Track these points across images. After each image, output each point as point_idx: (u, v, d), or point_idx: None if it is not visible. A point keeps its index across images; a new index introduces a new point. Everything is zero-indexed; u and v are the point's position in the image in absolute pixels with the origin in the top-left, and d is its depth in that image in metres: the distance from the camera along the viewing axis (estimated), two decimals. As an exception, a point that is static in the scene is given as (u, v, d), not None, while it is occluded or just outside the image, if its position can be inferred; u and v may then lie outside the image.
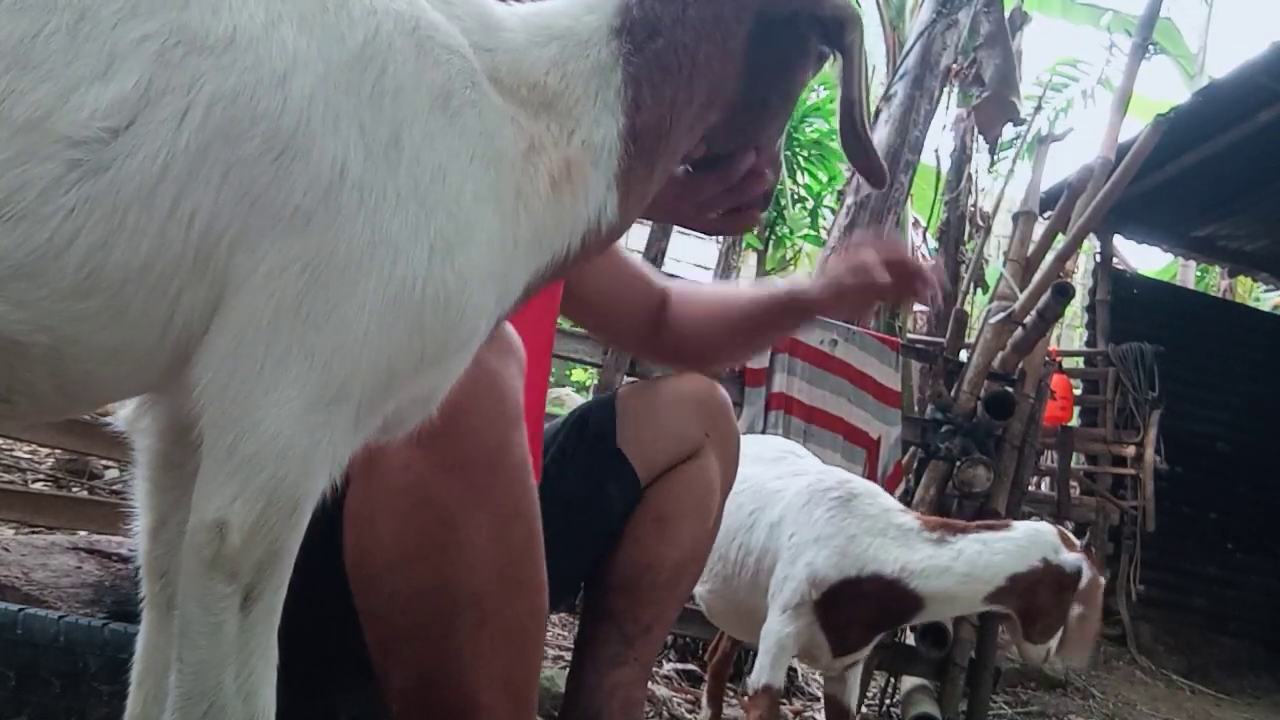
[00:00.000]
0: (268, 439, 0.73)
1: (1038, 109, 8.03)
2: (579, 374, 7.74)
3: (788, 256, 8.51)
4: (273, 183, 0.72)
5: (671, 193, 1.11)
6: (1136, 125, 3.80)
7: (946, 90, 5.48)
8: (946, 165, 6.57)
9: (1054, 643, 2.15)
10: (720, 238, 7.58)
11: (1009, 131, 6.99)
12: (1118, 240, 7.79)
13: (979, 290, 6.05)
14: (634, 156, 0.92)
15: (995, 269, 5.77)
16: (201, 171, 0.70)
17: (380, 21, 0.79)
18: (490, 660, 1.11)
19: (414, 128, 0.79)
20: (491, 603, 1.11)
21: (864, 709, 3.31)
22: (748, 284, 1.45)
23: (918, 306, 6.86)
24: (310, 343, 0.74)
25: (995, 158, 6.94)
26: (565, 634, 3.45)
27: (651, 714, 2.83)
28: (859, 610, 2.12)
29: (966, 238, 6.56)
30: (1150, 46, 3.84)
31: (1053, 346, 5.90)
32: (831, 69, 1.05)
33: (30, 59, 0.64)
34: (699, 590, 2.36)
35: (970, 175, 6.47)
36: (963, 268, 6.30)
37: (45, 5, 0.65)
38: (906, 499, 3.29)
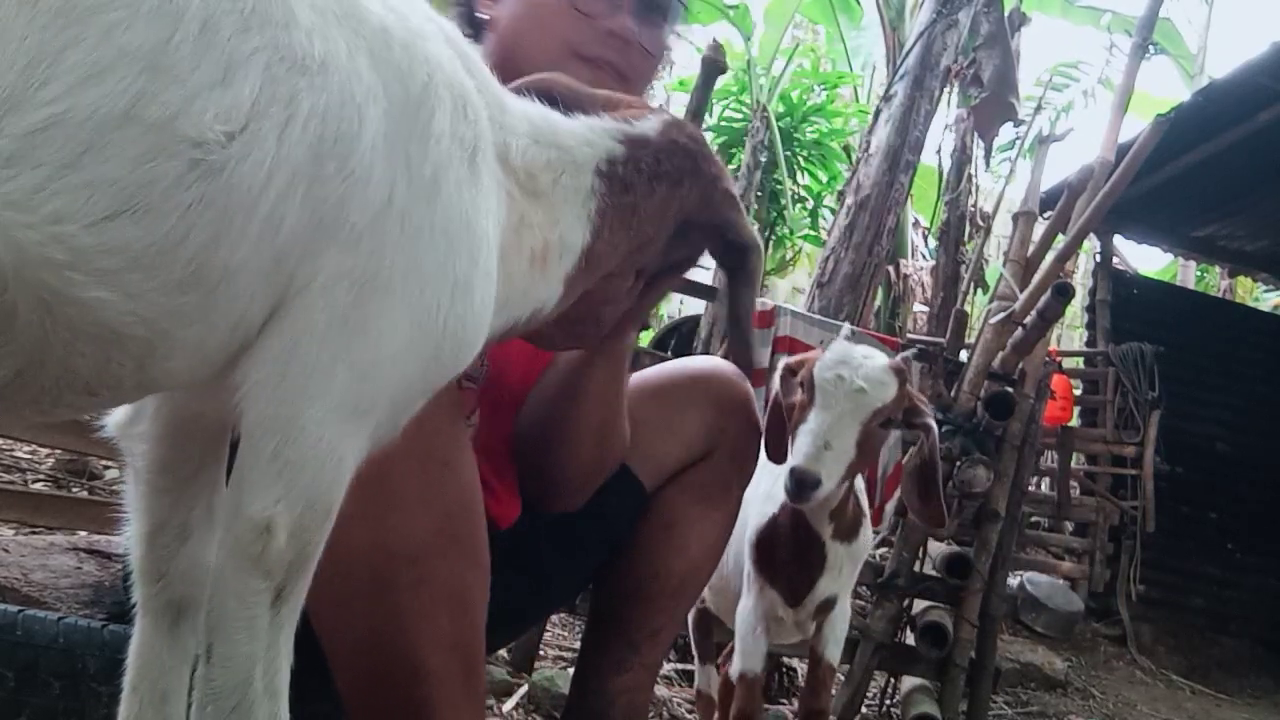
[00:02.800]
0: (311, 444, 0.77)
1: (1038, 109, 8.04)
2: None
3: (788, 257, 8.51)
4: (340, 201, 0.77)
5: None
6: (1136, 125, 3.79)
7: (946, 90, 5.48)
8: (947, 165, 6.57)
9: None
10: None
11: (1009, 132, 7.01)
12: (1118, 240, 7.79)
13: (979, 290, 6.05)
14: (580, 271, 1.04)
15: (995, 269, 5.77)
16: (293, 182, 0.74)
17: (433, 71, 0.86)
18: (434, 621, 1.10)
19: (449, 173, 0.85)
20: (429, 561, 1.10)
21: (864, 709, 3.31)
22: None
23: (917, 306, 6.87)
24: (352, 355, 0.78)
25: (991, 158, 6.94)
26: (565, 634, 3.45)
27: (651, 714, 2.83)
28: (782, 546, 1.98)
29: (966, 238, 6.56)
30: (1150, 46, 3.84)
31: (1053, 346, 5.90)
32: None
33: (162, 63, 0.68)
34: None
35: (970, 175, 6.48)
36: (963, 268, 6.31)
37: (176, 13, 0.69)
38: (906, 499, 3.29)
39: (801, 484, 1.70)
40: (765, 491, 2.03)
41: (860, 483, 2.10)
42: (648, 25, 1.48)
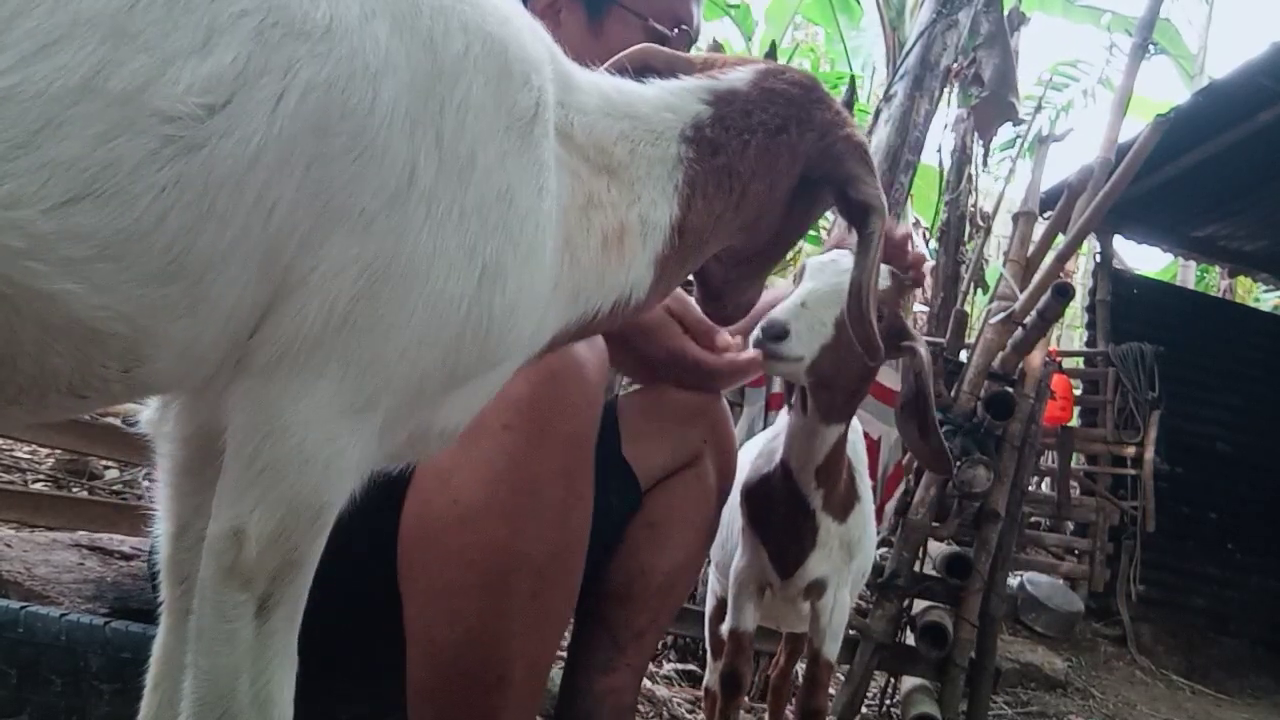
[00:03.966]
0: (292, 447, 0.72)
1: (1038, 109, 8.03)
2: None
3: (788, 256, 8.49)
4: (348, 182, 0.71)
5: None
6: (1136, 125, 3.79)
7: (946, 90, 5.48)
8: (947, 165, 6.57)
9: None
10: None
11: (1009, 131, 7.00)
12: (1118, 240, 7.79)
13: (979, 290, 6.05)
14: (675, 249, 0.95)
15: (995, 269, 5.77)
16: (289, 161, 0.68)
17: (472, 39, 0.78)
18: (530, 633, 1.12)
19: (489, 147, 0.78)
20: (545, 577, 1.12)
21: (864, 709, 3.31)
22: None
23: (917, 306, 6.87)
24: (350, 352, 0.73)
25: (989, 157, 6.93)
26: (565, 634, 3.45)
27: (652, 714, 2.83)
28: (773, 508, 1.89)
29: (967, 238, 6.55)
30: (1150, 46, 3.84)
31: (1053, 347, 5.90)
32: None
33: (127, 29, 0.62)
34: (714, 572, 2.28)
35: (970, 175, 6.47)
36: (963, 268, 6.29)
37: None
38: (906, 499, 3.29)
39: (767, 330, 1.56)
40: (762, 449, 2.00)
41: (861, 458, 2.05)
42: None
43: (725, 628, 2.00)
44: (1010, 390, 3.20)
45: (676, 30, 1.48)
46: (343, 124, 0.70)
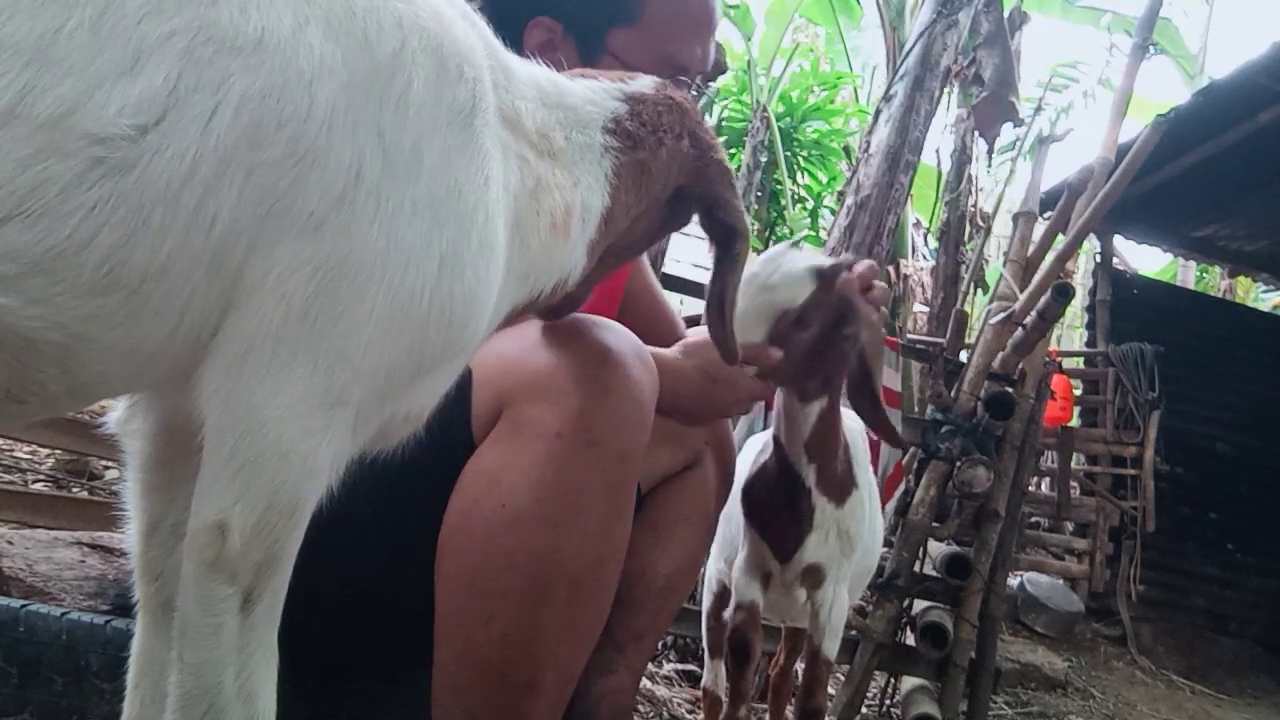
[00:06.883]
0: (270, 442, 0.73)
1: (1038, 110, 8.05)
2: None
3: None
4: (291, 187, 0.72)
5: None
6: (1136, 126, 3.79)
7: (946, 90, 5.48)
8: (947, 165, 6.58)
9: None
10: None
11: (1009, 132, 7.01)
12: (1118, 240, 7.79)
13: (979, 290, 6.06)
14: (600, 236, 0.99)
15: (995, 269, 5.78)
16: (227, 173, 0.69)
17: (408, 35, 0.80)
18: (562, 642, 1.13)
19: (434, 141, 0.80)
20: (582, 587, 1.13)
21: (864, 709, 3.31)
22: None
23: (917, 306, 6.87)
24: (315, 348, 0.74)
25: (993, 159, 6.95)
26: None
27: (651, 714, 2.83)
28: (770, 493, 1.90)
29: (967, 238, 6.56)
30: (1150, 47, 3.84)
31: (1053, 347, 5.90)
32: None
33: (52, 54, 0.63)
34: (717, 567, 2.28)
35: (970, 176, 6.48)
36: (963, 268, 6.31)
37: (67, 0, 0.64)
38: (906, 499, 3.29)
39: None
40: (759, 446, 2.01)
41: (860, 449, 2.05)
42: None
43: (733, 603, 1.99)
44: (1010, 390, 3.20)
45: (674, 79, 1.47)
46: (280, 133, 0.71)
